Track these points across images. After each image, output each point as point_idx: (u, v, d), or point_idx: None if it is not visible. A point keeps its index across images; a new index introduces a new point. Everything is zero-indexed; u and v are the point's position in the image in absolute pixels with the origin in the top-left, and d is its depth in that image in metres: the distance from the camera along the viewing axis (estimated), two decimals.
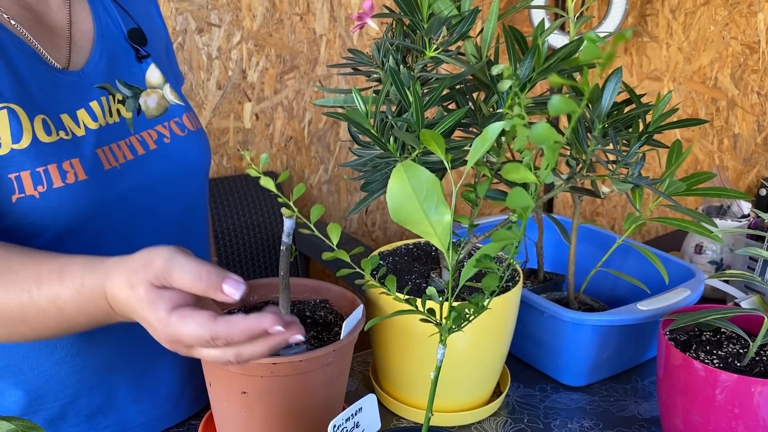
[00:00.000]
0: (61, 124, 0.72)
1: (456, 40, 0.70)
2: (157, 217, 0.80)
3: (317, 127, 2.01)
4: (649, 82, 2.16)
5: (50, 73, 0.74)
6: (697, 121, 0.78)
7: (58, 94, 0.74)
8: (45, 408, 0.78)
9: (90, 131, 0.74)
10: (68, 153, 0.71)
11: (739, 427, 0.70)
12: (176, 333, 0.56)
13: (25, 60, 0.72)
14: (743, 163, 2.12)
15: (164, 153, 0.81)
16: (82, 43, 0.79)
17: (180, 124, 0.84)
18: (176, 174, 0.82)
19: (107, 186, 0.74)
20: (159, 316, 0.56)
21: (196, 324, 0.56)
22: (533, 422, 0.86)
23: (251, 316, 0.57)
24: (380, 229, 2.21)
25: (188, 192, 0.85)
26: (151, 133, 0.80)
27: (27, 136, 0.69)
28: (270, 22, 1.85)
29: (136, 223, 0.78)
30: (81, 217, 0.72)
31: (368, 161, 0.70)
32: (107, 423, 0.81)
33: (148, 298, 0.57)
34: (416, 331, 0.79)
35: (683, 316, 0.78)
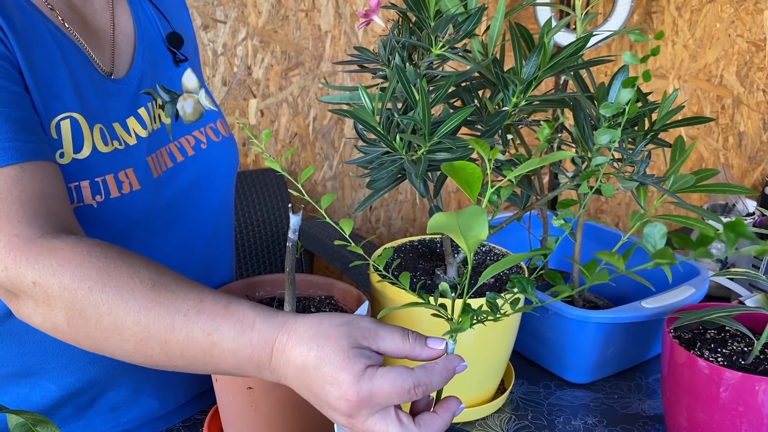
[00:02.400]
0: (115, 134, 0.72)
1: (462, 37, 0.70)
2: (190, 220, 0.80)
3: (322, 124, 2.01)
4: (655, 80, 2.16)
5: (102, 81, 0.73)
6: (702, 120, 0.78)
7: (110, 102, 0.73)
8: (75, 400, 0.78)
9: (141, 140, 0.74)
10: (123, 163, 0.71)
11: (743, 424, 0.70)
12: (372, 388, 0.51)
13: (82, 67, 0.71)
14: (748, 161, 2.12)
15: (200, 159, 0.81)
16: (124, 47, 0.78)
17: (215, 129, 0.84)
18: (210, 179, 0.82)
19: (156, 194, 0.74)
20: (356, 369, 0.52)
21: (396, 373, 0.52)
22: (537, 419, 0.86)
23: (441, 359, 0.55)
24: (384, 225, 2.21)
25: (219, 196, 0.85)
26: (189, 139, 0.80)
27: (87, 146, 0.69)
28: (275, 18, 1.85)
29: (172, 228, 0.78)
30: (130, 225, 0.72)
31: (374, 159, 0.70)
32: (131, 416, 0.82)
33: (348, 355, 0.52)
34: (422, 327, 0.79)
35: (688, 314, 0.78)
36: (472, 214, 0.46)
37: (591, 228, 1.10)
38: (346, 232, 0.62)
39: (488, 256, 0.90)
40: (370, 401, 0.52)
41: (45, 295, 0.56)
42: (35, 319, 0.59)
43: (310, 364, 0.53)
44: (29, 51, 0.67)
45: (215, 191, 0.84)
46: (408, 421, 0.53)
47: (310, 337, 0.54)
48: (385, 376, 0.52)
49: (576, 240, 0.93)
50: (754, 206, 1.22)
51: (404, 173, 0.71)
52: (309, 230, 1.79)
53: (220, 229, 0.87)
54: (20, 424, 0.50)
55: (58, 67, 0.69)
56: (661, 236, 0.35)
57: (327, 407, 0.54)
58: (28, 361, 0.75)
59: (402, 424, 0.53)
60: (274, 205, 1.84)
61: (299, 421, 0.72)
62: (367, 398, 0.52)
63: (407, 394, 0.52)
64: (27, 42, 0.67)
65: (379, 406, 0.53)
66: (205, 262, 0.84)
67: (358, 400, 0.52)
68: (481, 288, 0.81)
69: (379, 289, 0.82)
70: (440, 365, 0.55)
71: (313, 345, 0.53)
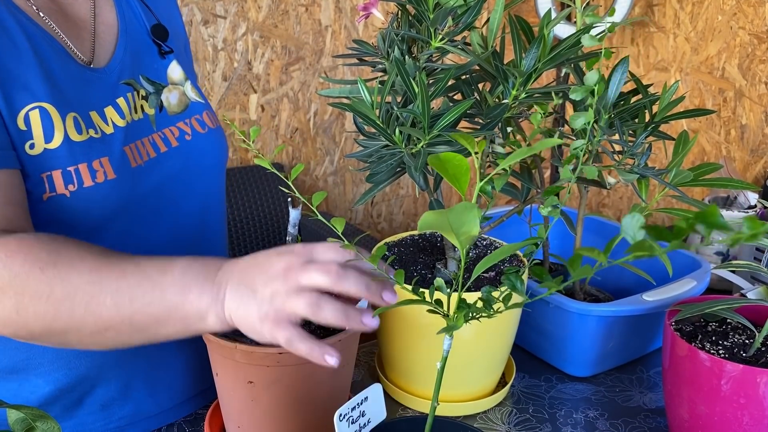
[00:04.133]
0: (91, 122, 0.72)
1: (462, 30, 0.70)
2: (176, 212, 0.80)
3: (323, 119, 2.01)
4: (656, 73, 2.15)
5: (79, 70, 0.73)
6: (703, 112, 0.77)
7: (87, 91, 0.73)
8: (64, 397, 0.78)
9: (118, 129, 0.74)
10: (98, 152, 0.71)
11: (745, 417, 0.70)
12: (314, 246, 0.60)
13: (56, 57, 0.71)
14: (750, 154, 2.12)
15: (185, 150, 0.81)
16: (106, 37, 0.78)
17: (201, 121, 0.84)
18: (195, 170, 0.82)
19: (134, 184, 0.74)
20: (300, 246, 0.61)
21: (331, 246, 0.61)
22: (538, 412, 0.86)
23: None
24: (386, 220, 2.21)
25: (206, 188, 0.85)
26: (173, 131, 0.80)
27: (59, 136, 0.69)
28: (275, 13, 1.85)
29: (156, 219, 0.78)
30: (109, 215, 0.72)
31: (374, 152, 0.70)
32: (122, 414, 0.82)
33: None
34: (422, 321, 0.79)
35: (689, 306, 0.78)
36: (462, 211, 0.45)
37: (592, 221, 1.10)
38: (339, 230, 0.62)
39: (489, 249, 0.90)
40: (311, 253, 0.60)
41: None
42: None
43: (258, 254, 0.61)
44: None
45: (202, 182, 0.84)
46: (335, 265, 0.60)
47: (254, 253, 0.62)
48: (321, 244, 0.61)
49: (576, 233, 0.93)
50: (755, 199, 1.21)
51: (404, 167, 0.71)
52: (310, 225, 1.79)
53: (209, 221, 0.87)
54: (20, 419, 0.51)
55: (26, 58, 0.68)
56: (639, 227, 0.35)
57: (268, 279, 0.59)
58: (14, 357, 0.76)
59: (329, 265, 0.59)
60: (275, 199, 1.84)
61: (300, 415, 0.72)
62: (309, 250, 0.60)
63: (338, 251, 0.60)
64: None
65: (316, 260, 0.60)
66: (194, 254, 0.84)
67: (303, 251, 0.60)
68: (481, 282, 0.81)
69: None
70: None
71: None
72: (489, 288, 0.57)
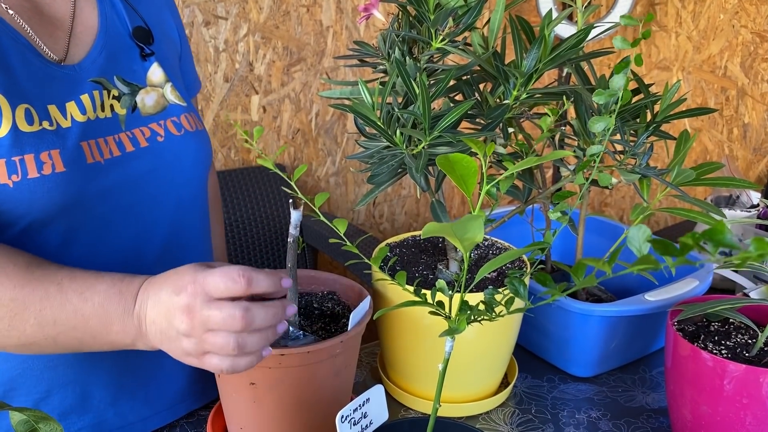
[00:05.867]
0: (47, 115, 0.72)
1: (462, 30, 0.70)
2: (142, 215, 0.79)
3: (324, 120, 2.01)
4: (658, 72, 2.15)
5: (44, 65, 0.73)
6: (705, 110, 0.77)
7: (49, 85, 0.73)
8: (17, 402, 0.76)
9: (76, 123, 0.73)
10: (48, 144, 0.71)
11: (747, 417, 0.70)
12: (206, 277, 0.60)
13: (17, 51, 0.72)
14: (753, 153, 2.11)
15: (155, 151, 0.79)
16: (84, 37, 0.78)
17: (177, 123, 0.82)
18: (166, 174, 0.80)
19: (87, 180, 0.73)
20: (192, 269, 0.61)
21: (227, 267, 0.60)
22: (541, 413, 0.86)
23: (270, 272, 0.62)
24: (388, 221, 2.21)
25: (179, 193, 0.83)
26: (143, 131, 0.79)
27: (6, 125, 0.68)
28: (277, 14, 1.85)
29: (117, 219, 0.77)
30: (56, 208, 0.71)
31: (375, 153, 0.70)
32: (82, 424, 0.80)
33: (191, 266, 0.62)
34: (424, 322, 0.79)
35: (691, 306, 0.77)
36: (467, 221, 0.45)
37: (594, 221, 1.10)
38: (341, 231, 0.62)
39: (491, 250, 0.90)
40: (204, 288, 0.60)
41: None
42: None
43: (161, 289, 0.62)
44: None
45: (173, 186, 0.82)
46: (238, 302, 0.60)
47: (164, 274, 0.64)
48: (217, 268, 0.61)
49: (578, 234, 0.92)
50: (758, 198, 1.21)
51: (405, 168, 0.71)
52: (312, 226, 1.79)
53: (183, 227, 0.85)
54: (23, 421, 0.51)
55: None
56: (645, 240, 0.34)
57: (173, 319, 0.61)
58: None
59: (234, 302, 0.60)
60: (277, 200, 1.84)
61: (302, 416, 0.72)
62: (201, 285, 0.60)
63: (233, 280, 0.59)
64: None
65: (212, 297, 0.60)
66: (166, 260, 0.82)
67: (194, 288, 0.60)
68: (484, 282, 0.81)
69: (380, 286, 0.82)
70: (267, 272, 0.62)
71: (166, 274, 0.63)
72: (492, 290, 0.57)
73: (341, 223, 0.64)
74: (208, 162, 0.88)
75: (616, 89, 0.61)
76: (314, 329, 0.77)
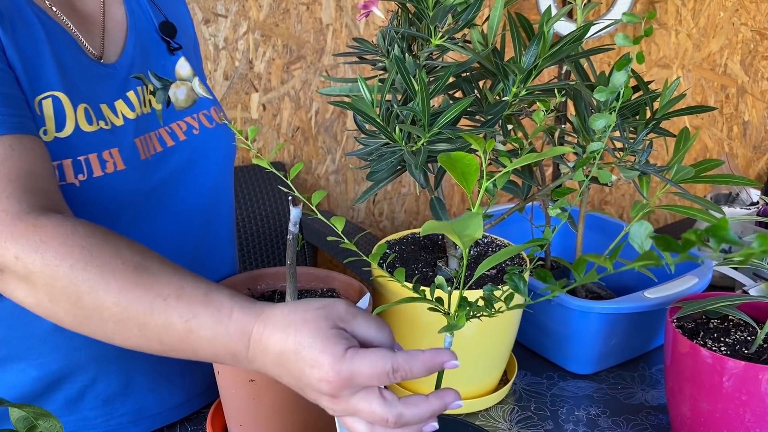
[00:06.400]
0: (101, 114, 0.73)
1: (462, 27, 0.70)
2: (182, 206, 0.81)
3: (324, 117, 2.01)
4: (658, 70, 2.15)
5: (90, 64, 0.75)
6: (704, 108, 0.77)
7: (97, 84, 0.74)
8: (64, 389, 0.78)
9: (128, 121, 0.75)
10: (108, 143, 0.72)
11: (747, 414, 0.70)
12: (352, 369, 0.51)
13: (68, 49, 0.73)
14: (753, 151, 2.11)
15: (192, 144, 0.81)
16: (115, 33, 0.79)
17: (208, 116, 0.84)
18: (202, 164, 0.82)
19: (143, 176, 0.75)
20: (336, 351, 0.52)
21: (377, 355, 0.52)
22: (540, 410, 0.86)
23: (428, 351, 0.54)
24: (388, 219, 2.21)
25: (213, 183, 0.85)
26: (180, 125, 0.81)
27: (70, 125, 0.69)
28: (276, 12, 1.85)
29: (163, 212, 0.78)
30: (117, 206, 0.72)
31: (374, 150, 0.70)
32: (124, 410, 0.82)
33: (326, 336, 0.52)
34: (423, 319, 0.79)
35: (690, 303, 0.77)
36: (467, 218, 0.45)
37: (594, 219, 1.10)
38: (339, 228, 0.62)
39: (490, 247, 0.90)
40: (350, 382, 0.52)
41: (26, 270, 0.58)
42: (18, 294, 0.60)
43: (289, 350, 0.53)
44: (14, 31, 0.68)
45: (208, 177, 0.84)
46: (392, 397, 0.53)
47: (287, 324, 0.54)
48: (365, 358, 0.52)
49: (578, 231, 0.92)
50: (757, 195, 1.21)
51: (404, 165, 0.71)
52: (312, 224, 1.79)
53: (215, 217, 0.87)
54: (22, 418, 0.51)
55: (42, 48, 0.70)
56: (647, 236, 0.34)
57: (310, 390, 0.54)
58: (13, 344, 0.75)
59: (386, 400, 0.52)
60: (277, 197, 1.84)
61: (302, 414, 0.72)
62: (347, 379, 0.52)
63: (386, 376, 0.52)
64: (11, 22, 0.69)
65: (359, 386, 0.53)
66: (200, 251, 0.84)
67: (339, 381, 0.52)
68: (483, 279, 0.81)
69: (379, 283, 0.82)
70: (426, 355, 0.54)
71: (290, 330, 0.54)
72: (491, 287, 0.57)
73: (339, 220, 0.64)
74: (234, 152, 0.90)
75: (617, 86, 0.61)
76: None
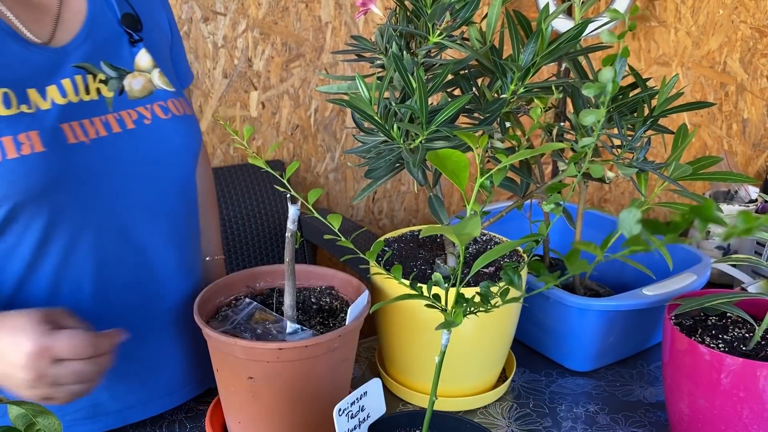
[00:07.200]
0: (26, 98, 0.73)
1: (460, 25, 0.70)
2: (128, 198, 0.80)
3: (323, 116, 2.01)
4: (657, 67, 2.15)
5: (24, 49, 0.75)
6: (702, 104, 0.77)
7: (29, 68, 0.75)
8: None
9: (56, 106, 0.75)
10: (26, 125, 0.72)
11: (745, 410, 0.70)
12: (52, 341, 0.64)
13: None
14: (752, 148, 2.11)
15: (142, 134, 0.81)
16: (72, 23, 0.80)
17: (164, 107, 0.83)
18: (152, 157, 0.81)
19: (69, 159, 0.74)
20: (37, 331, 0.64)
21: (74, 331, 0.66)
22: (539, 407, 0.87)
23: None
24: (387, 217, 2.21)
25: (166, 177, 0.84)
26: (131, 113, 0.81)
27: None
28: (275, 9, 1.85)
29: (101, 202, 0.77)
30: (38, 189, 0.72)
31: (372, 148, 0.70)
32: (77, 407, 0.80)
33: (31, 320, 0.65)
34: (421, 316, 0.79)
35: (689, 300, 0.78)
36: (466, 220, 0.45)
37: (592, 216, 1.10)
38: (335, 227, 0.62)
39: (488, 245, 0.90)
40: (48, 353, 0.64)
41: None
42: None
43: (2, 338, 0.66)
44: None
45: (161, 170, 0.83)
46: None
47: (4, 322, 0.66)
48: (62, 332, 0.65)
49: (576, 228, 0.93)
50: (756, 193, 1.21)
51: (402, 162, 0.71)
52: (311, 222, 1.79)
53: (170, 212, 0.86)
54: (21, 415, 0.51)
55: None
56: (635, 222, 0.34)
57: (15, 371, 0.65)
58: None
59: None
60: (276, 196, 1.84)
61: (300, 411, 0.72)
62: (45, 349, 0.64)
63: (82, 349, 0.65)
64: None
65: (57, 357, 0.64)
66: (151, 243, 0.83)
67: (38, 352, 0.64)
68: (481, 277, 0.81)
69: (377, 281, 0.82)
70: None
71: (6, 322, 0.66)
72: (487, 283, 0.57)
73: (335, 218, 0.64)
74: (195, 147, 0.88)
75: (604, 81, 0.61)
76: (312, 324, 0.77)
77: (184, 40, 1.76)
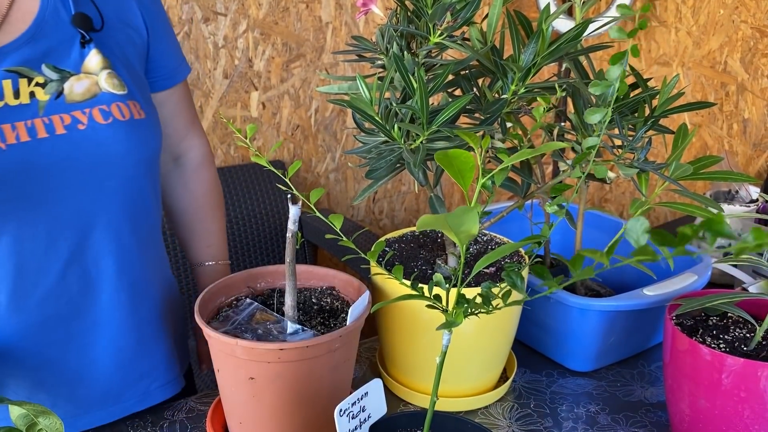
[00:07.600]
0: None
1: (460, 25, 0.70)
2: (53, 205, 0.77)
3: (324, 116, 2.01)
4: (658, 67, 2.15)
5: None
6: (703, 105, 0.77)
7: None
8: None
9: None
10: None
11: (746, 410, 0.70)
12: None
13: None
14: (753, 148, 2.11)
15: (73, 139, 0.77)
16: (18, 24, 0.77)
17: (105, 112, 0.79)
18: (88, 163, 0.78)
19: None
20: None
21: None
22: (540, 407, 0.87)
23: None
24: (387, 217, 2.21)
25: (102, 184, 0.80)
26: (63, 117, 0.77)
27: None
28: (276, 10, 1.85)
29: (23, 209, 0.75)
30: None
31: (373, 148, 0.70)
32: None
33: None
34: (422, 317, 0.79)
35: (690, 300, 0.78)
36: (462, 213, 0.45)
37: (593, 216, 1.10)
38: (337, 226, 0.62)
39: (489, 245, 0.90)
40: None
41: None
42: None
43: None
44: None
45: (95, 176, 0.79)
46: None
47: None
48: None
49: (577, 229, 0.93)
50: (757, 193, 1.21)
51: (403, 162, 0.71)
52: (312, 222, 1.79)
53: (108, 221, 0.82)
54: (23, 415, 0.51)
55: None
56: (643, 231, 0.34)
57: None
58: None
59: None
60: (277, 196, 1.84)
61: (301, 411, 0.72)
62: None
63: None
64: None
65: None
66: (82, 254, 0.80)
67: None
68: (482, 277, 0.81)
69: (378, 281, 0.82)
70: None
71: None
72: (489, 284, 0.57)
73: (337, 218, 0.64)
74: (143, 153, 0.83)
75: (612, 80, 0.61)
76: (313, 324, 0.77)
77: (185, 41, 1.76)
